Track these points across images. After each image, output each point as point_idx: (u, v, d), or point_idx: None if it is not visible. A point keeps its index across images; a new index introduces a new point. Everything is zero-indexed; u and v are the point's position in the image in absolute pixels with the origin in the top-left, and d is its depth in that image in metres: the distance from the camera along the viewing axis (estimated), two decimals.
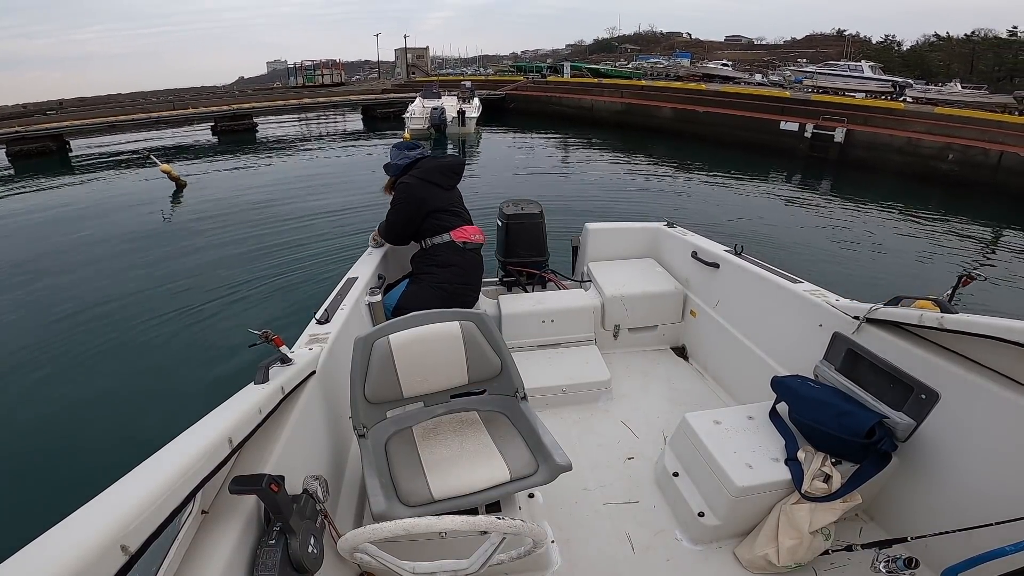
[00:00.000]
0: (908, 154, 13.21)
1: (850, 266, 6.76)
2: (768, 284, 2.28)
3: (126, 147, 16.94)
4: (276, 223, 7.90)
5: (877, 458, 1.55)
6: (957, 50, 48.56)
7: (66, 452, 3.24)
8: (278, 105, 23.86)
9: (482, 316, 1.65)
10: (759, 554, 1.57)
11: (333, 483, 1.57)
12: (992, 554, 1.16)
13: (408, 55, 44.41)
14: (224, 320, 4.84)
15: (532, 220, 3.10)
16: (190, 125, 20.66)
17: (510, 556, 1.13)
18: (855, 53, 46.81)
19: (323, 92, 31.42)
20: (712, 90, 20.71)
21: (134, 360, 4.24)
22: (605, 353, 2.67)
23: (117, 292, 5.51)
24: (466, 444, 1.56)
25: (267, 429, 1.26)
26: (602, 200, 9.66)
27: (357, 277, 2.36)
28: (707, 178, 11.93)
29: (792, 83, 29.90)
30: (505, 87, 25.93)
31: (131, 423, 3.46)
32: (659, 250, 3.15)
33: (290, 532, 1.07)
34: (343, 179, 11.35)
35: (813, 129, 14.69)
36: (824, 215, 9.29)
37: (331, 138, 19.21)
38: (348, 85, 40.03)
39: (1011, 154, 11.66)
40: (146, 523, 0.71)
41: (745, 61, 55.11)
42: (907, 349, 1.62)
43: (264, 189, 10.45)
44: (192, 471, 0.84)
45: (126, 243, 7.23)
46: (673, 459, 1.90)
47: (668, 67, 41.31)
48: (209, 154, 15.62)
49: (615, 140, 17.26)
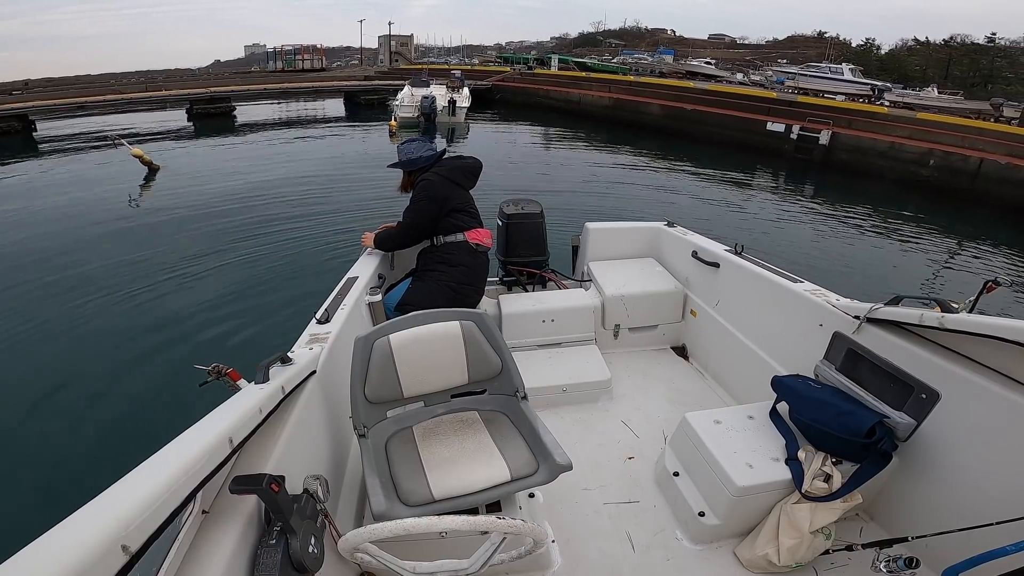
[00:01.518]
0: (891, 158, 13.41)
1: (836, 267, 6.80)
2: (768, 284, 2.28)
3: (96, 129, 16.30)
4: (257, 210, 7.74)
5: (877, 458, 1.55)
6: (934, 55, 49.13)
7: (66, 452, 3.24)
8: (258, 89, 22.86)
9: (482, 316, 1.64)
10: (759, 554, 1.57)
11: (333, 483, 1.56)
12: (992, 554, 1.16)
13: (392, 42, 43.87)
14: (224, 321, 4.84)
15: (532, 220, 3.10)
16: (163, 108, 19.74)
17: (510, 556, 1.13)
18: (836, 56, 47.27)
19: (304, 77, 30.47)
20: (700, 88, 20.86)
21: (134, 360, 4.24)
22: (605, 353, 2.67)
23: (116, 283, 5.44)
24: (466, 444, 1.56)
25: (267, 429, 1.26)
26: (594, 196, 9.68)
27: (357, 277, 2.36)
28: (695, 177, 11.99)
29: (774, 83, 30.23)
30: (492, 77, 25.79)
31: (131, 423, 3.46)
32: (659, 250, 3.15)
33: (290, 532, 1.07)
34: (326, 167, 11.18)
35: (799, 131, 14.83)
36: (813, 216, 9.39)
37: (312, 124, 18.68)
38: (329, 71, 39.11)
39: (991, 161, 11.83)
40: (147, 523, 0.71)
41: (727, 60, 55.29)
42: (907, 349, 1.62)
43: (244, 175, 10.16)
44: (193, 471, 0.84)
45: (101, 230, 7.03)
46: (673, 459, 1.90)
47: (652, 63, 41.47)
48: (184, 138, 15.13)
49: (603, 135, 17.22)
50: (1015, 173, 11.35)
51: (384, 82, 24.98)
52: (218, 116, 18.95)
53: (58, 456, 3.22)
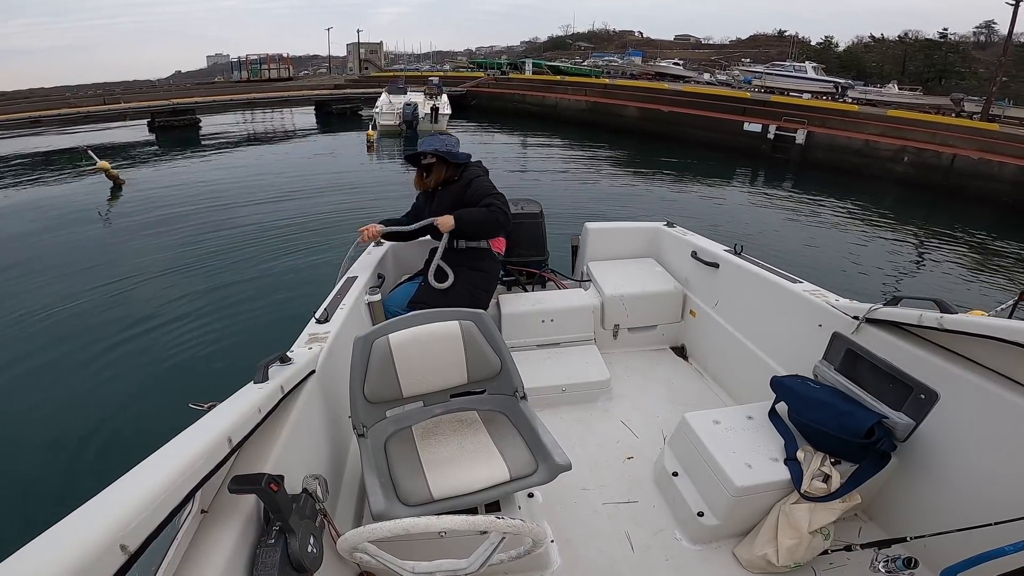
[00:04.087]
0: (866, 156, 13.63)
1: (827, 265, 6.88)
2: (768, 284, 2.28)
3: (51, 145, 15.75)
4: (230, 223, 7.66)
5: (876, 458, 1.55)
6: (890, 52, 49.55)
7: (65, 452, 3.23)
8: (224, 100, 22.19)
9: (482, 315, 1.64)
10: (758, 554, 1.57)
11: (333, 483, 1.56)
12: (991, 554, 1.16)
13: (361, 50, 43.62)
14: (221, 319, 4.84)
15: (532, 219, 3.09)
16: (123, 121, 18.94)
17: (509, 556, 1.13)
18: (798, 54, 47.63)
19: (271, 87, 29.94)
20: (675, 90, 21.08)
21: (132, 360, 4.24)
22: (605, 353, 2.67)
23: (87, 290, 5.43)
24: (466, 444, 1.56)
25: (266, 428, 1.26)
26: (582, 198, 9.72)
27: (357, 276, 2.35)
28: (675, 177, 12.06)
29: (742, 83, 30.60)
30: (466, 83, 25.70)
31: (130, 423, 3.46)
32: (659, 250, 3.15)
33: (289, 532, 1.07)
34: (297, 177, 11.08)
35: (775, 130, 15.02)
36: (798, 215, 9.50)
37: (282, 135, 18.37)
38: (297, 80, 38.90)
39: (963, 157, 12.10)
40: (145, 522, 0.71)
41: (694, 60, 55.59)
42: (906, 349, 1.62)
43: (213, 188, 9.99)
44: (191, 470, 0.84)
45: (67, 244, 6.90)
46: (672, 459, 1.90)
47: (622, 65, 41.64)
48: (148, 152, 14.73)
49: (582, 139, 17.23)
50: (987, 168, 11.66)
51: (356, 90, 24.59)
52: (182, 128, 18.38)
53: (57, 456, 3.21)
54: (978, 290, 6.53)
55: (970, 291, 6.44)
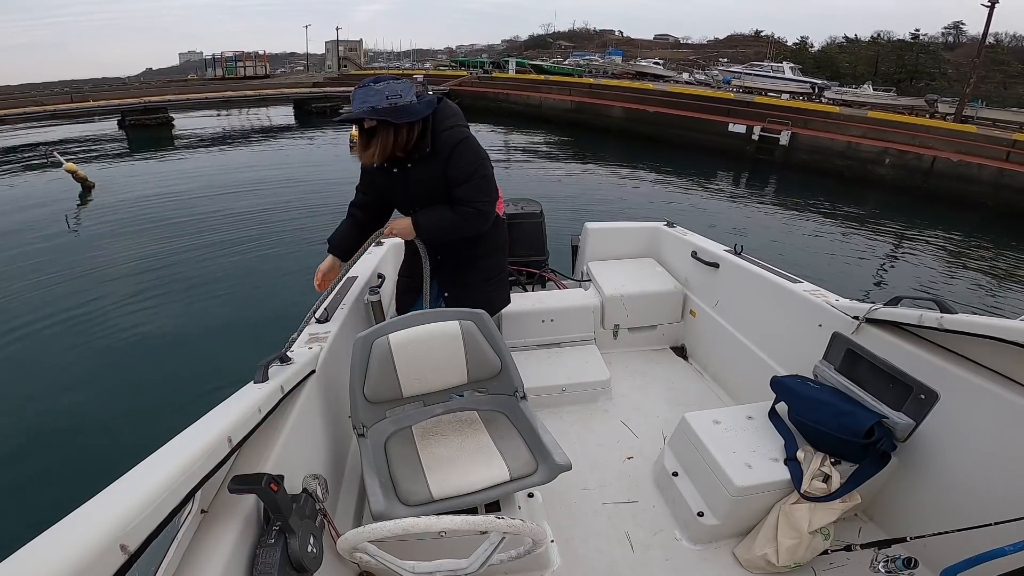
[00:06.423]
0: (849, 158, 13.71)
1: (820, 265, 6.94)
2: (768, 284, 2.28)
3: (15, 143, 15.28)
4: (228, 223, 7.62)
5: (876, 458, 1.55)
6: (863, 52, 49.63)
7: (65, 452, 3.23)
8: (198, 99, 21.59)
9: (482, 315, 1.64)
10: (758, 554, 1.57)
11: (333, 482, 1.56)
12: (991, 554, 1.16)
13: (340, 47, 43.02)
14: (221, 319, 4.84)
15: (532, 219, 3.10)
16: (91, 119, 18.54)
17: (509, 556, 1.13)
18: (775, 54, 47.83)
19: (247, 85, 29.39)
20: (660, 90, 21.12)
21: (132, 360, 4.24)
22: (604, 353, 2.67)
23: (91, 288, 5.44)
24: (466, 444, 1.56)
25: (266, 428, 1.26)
26: (575, 198, 9.71)
27: (357, 276, 2.35)
28: (661, 180, 12.08)
29: (721, 83, 30.66)
30: (449, 82, 25.49)
31: (130, 423, 3.46)
32: (659, 250, 3.15)
33: (289, 531, 1.07)
34: (284, 177, 10.98)
35: (760, 132, 15.06)
36: (786, 215, 9.58)
37: (259, 134, 18.00)
38: (274, 78, 38.30)
39: (943, 159, 12.24)
40: (145, 522, 0.71)
41: (673, 59, 55.96)
42: (906, 349, 1.62)
43: (189, 189, 9.78)
44: (191, 470, 0.84)
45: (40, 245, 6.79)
46: (672, 459, 1.90)
47: (603, 64, 41.63)
48: (118, 152, 14.29)
49: (569, 138, 17.22)
50: (966, 170, 11.81)
51: (335, 88, 24.08)
52: (154, 127, 17.99)
53: (57, 456, 3.21)
54: (978, 290, 6.53)
55: (971, 291, 6.44)
